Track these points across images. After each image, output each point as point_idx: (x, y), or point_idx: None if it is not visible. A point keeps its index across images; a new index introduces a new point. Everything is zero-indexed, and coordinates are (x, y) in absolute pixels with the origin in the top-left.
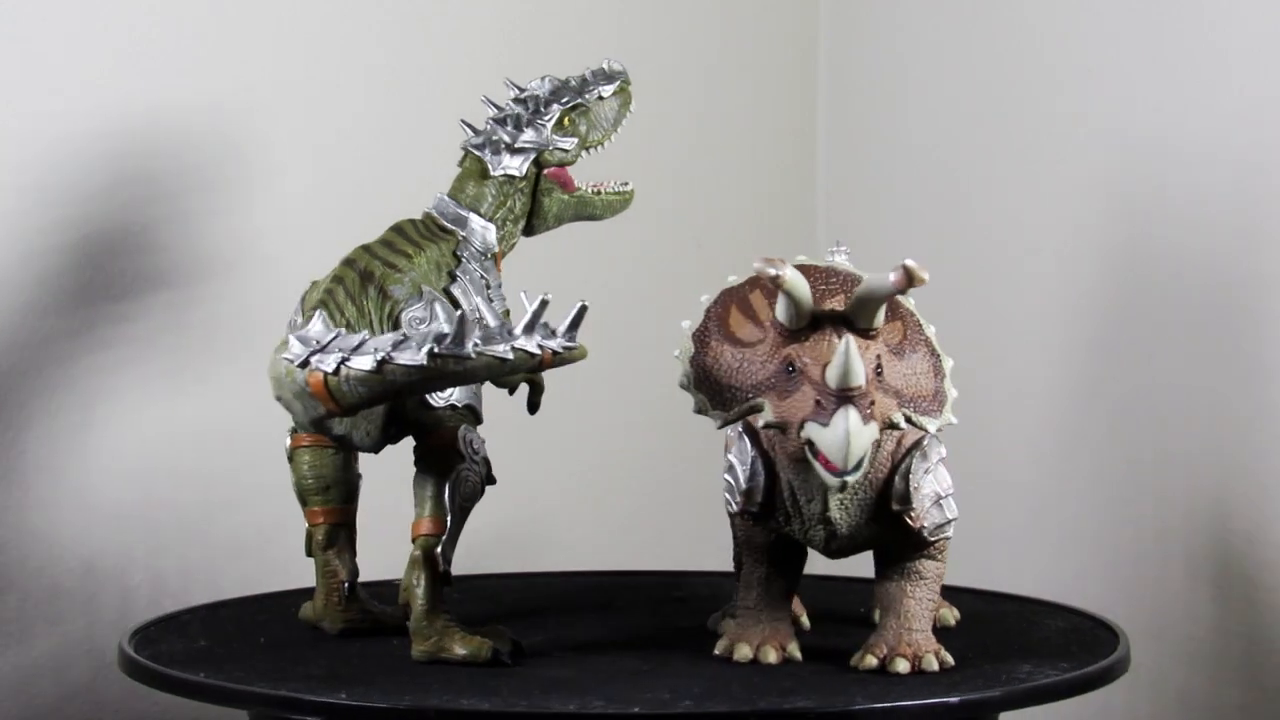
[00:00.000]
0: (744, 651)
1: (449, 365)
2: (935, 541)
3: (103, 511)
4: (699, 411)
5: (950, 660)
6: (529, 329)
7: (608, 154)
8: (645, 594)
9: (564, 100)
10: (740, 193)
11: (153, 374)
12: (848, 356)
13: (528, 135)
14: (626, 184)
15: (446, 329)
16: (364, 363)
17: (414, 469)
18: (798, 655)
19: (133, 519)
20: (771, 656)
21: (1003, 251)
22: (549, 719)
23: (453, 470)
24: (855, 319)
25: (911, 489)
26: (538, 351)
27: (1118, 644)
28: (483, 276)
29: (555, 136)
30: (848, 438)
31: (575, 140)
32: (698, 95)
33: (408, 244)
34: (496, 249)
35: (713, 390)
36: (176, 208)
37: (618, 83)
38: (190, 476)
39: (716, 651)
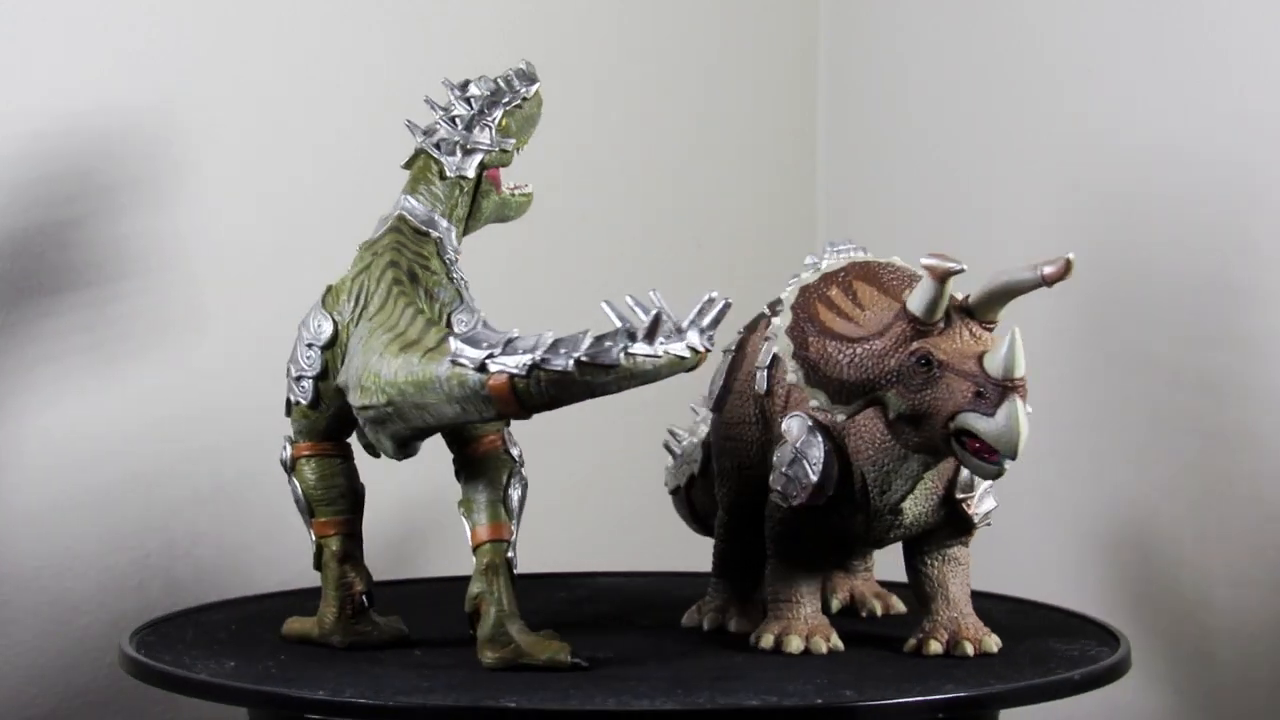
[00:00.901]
0: (796, 643)
1: (643, 364)
2: (976, 528)
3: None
4: (820, 408)
5: (999, 642)
6: (698, 326)
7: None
8: (646, 593)
9: (505, 101)
10: (740, 193)
11: (71, 369)
12: (1017, 348)
13: (480, 136)
14: (528, 185)
15: (636, 327)
16: (560, 363)
17: (461, 477)
18: (840, 646)
19: (133, 518)
20: (823, 647)
21: (1003, 251)
22: (563, 716)
23: (507, 473)
24: (979, 311)
25: (974, 479)
26: (704, 351)
27: (1118, 644)
28: (463, 279)
29: (499, 137)
30: (1018, 426)
31: (513, 141)
32: (698, 95)
33: (420, 245)
34: (459, 252)
35: (827, 386)
36: (96, 205)
37: (537, 85)
38: (169, 473)
39: (764, 645)
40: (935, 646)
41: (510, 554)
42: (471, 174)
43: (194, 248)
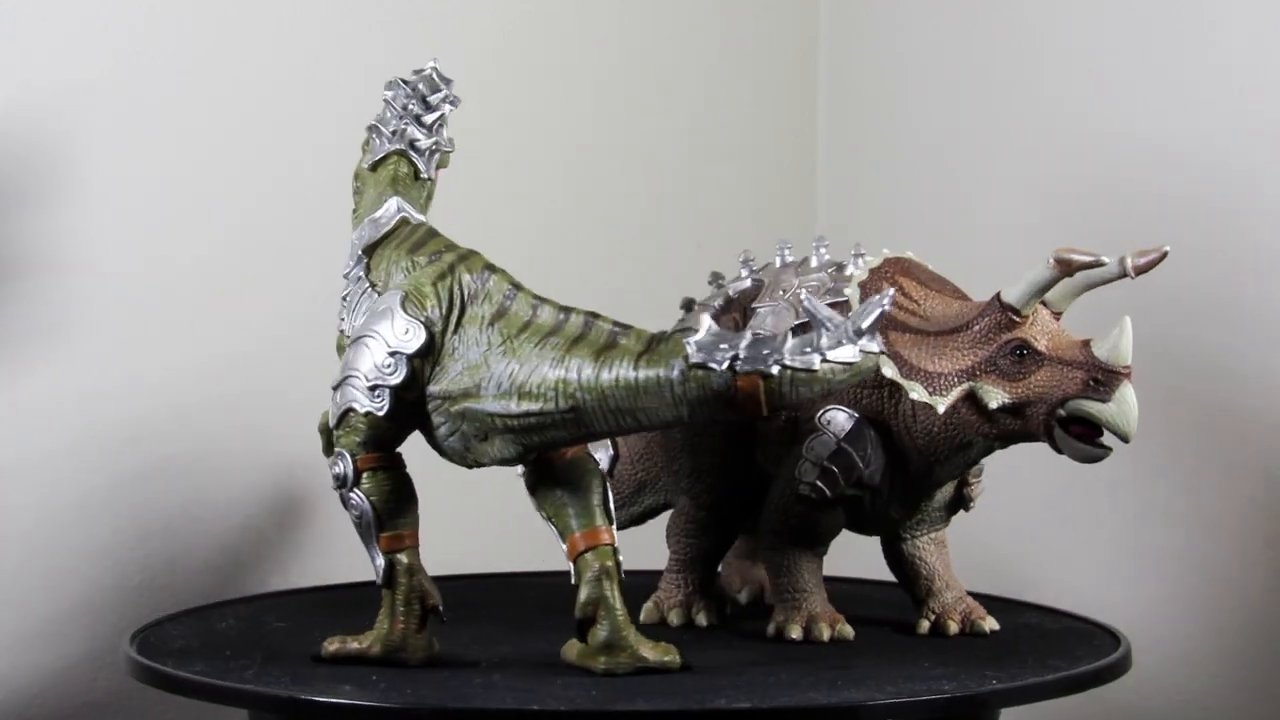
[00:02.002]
0: (826, 630)
1: (871, 362)
2: (968, 510)
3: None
4: (919, 399)
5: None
6: (871, 331)
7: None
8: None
9: (452, 100)
10: (740, 193)
11: (72, 367)
12: (1129, 336)
13: (442, 137)
14: None
15: (864, 323)
16: (811, 361)
17: (540, 487)
18: (849, 633)
19: (133, 518)
20: (849, 633)
21: (1003, 251)
22: (564, 717)
23: (595, 478)
24: (1054, 304)
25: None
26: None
27: (1118, 644)
28: None
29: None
30: (1133, 410)
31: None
32: (698, 95)
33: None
34: None
35: (922, 378)
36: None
37: (451, 85)
38: (191, 479)
39: (794, 635)
40: (954, 627)
41: (620, 557)
42: (434, 175)
43: (81, 248)
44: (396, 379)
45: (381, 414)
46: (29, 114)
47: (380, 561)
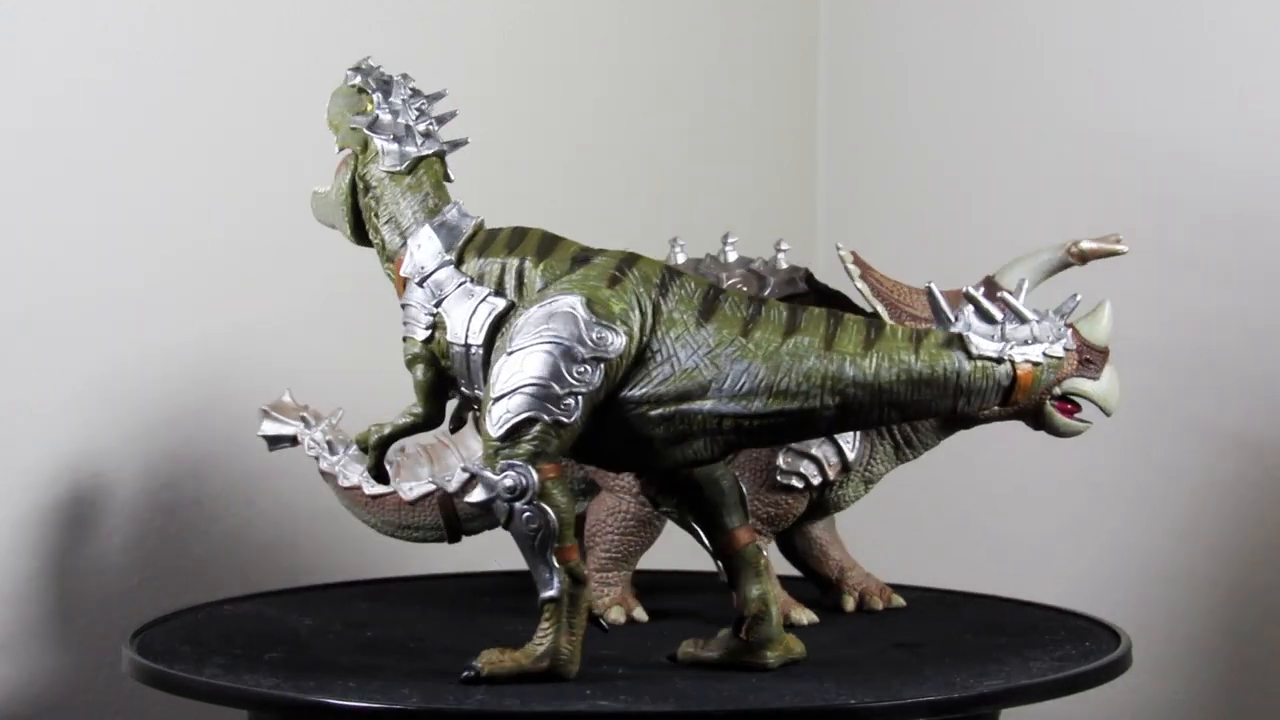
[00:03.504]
0: (807, 615)
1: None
2: None
3: None
4: None
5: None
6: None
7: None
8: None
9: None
10: (740, 193)
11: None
12: (1110, 319)
13: (443, 135)
14: None
15: (1059, 321)
16: (1058, 351)
17: (683, 487)
18: (814, 617)
19: (133, 518)
20: (815, 617)
21: (1002, 251)
22: (563, 717)
23: (732, 474)
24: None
25: None
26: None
27: (1118, 642)
28: None
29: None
30: (1117, 386)
31: None
32: (698, 95)
33: None
34: None
35: None
36: None
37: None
38: (191, 479)
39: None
40: (878, 602)
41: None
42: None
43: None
44: (591, 385)
45: (571, 421)
46: (29, 114)
47: (558, 574)
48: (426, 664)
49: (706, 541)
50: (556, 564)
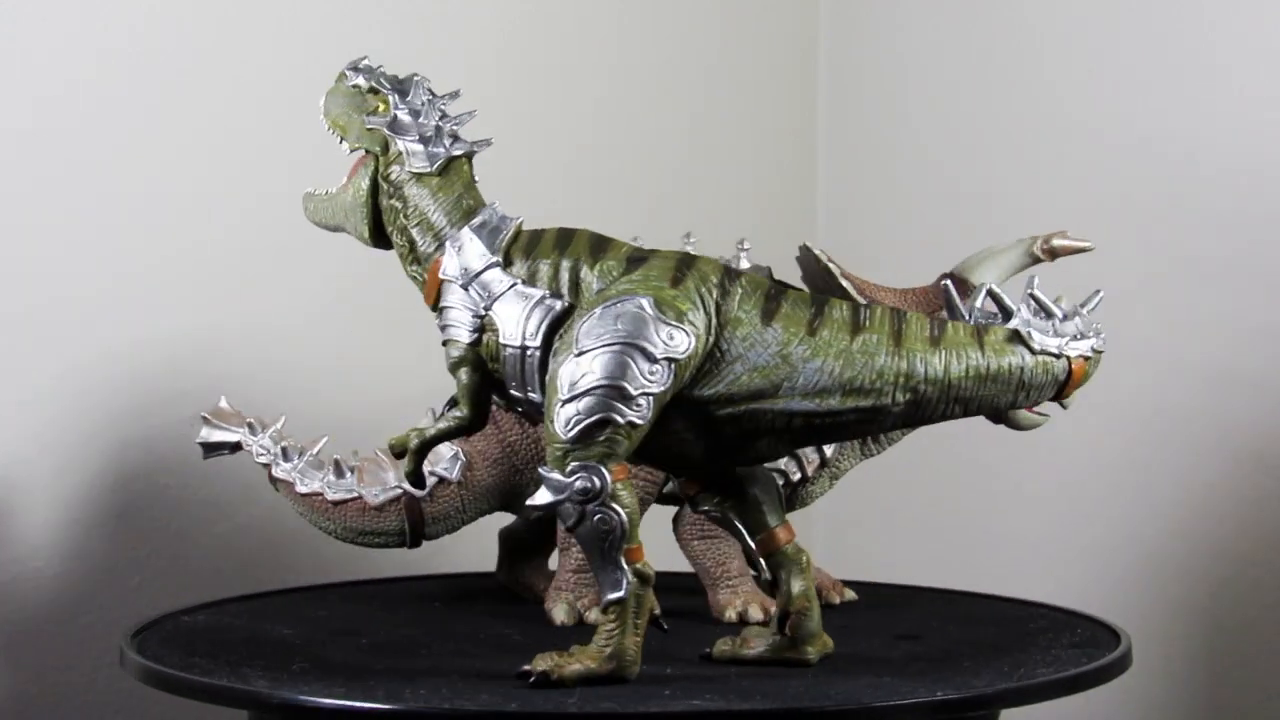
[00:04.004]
0: (759, 612)
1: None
2: None
3: None
4: None
5: None
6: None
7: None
8: None
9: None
10: (740, 192)
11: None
12: None
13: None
14: None
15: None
16: (1100, 345)
17: (727, 486)
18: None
19: (133, 518)
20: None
21: None
22: (563, 718)
23: (769, 473)
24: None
25: None
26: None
27: (1118, 641)
28: None
29: None
30: None
31: None
32: (698, 95)
33: None
34: None
35: None
36: None
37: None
38: (191, 480)
39: (757, 617)
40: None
41: None
42: None
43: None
44: (662, 385)
45: (644, 422)
46: (29, 114)
47: (627, 574)
48: (427, 664)
49: (749, 540)
50: (625, 565)
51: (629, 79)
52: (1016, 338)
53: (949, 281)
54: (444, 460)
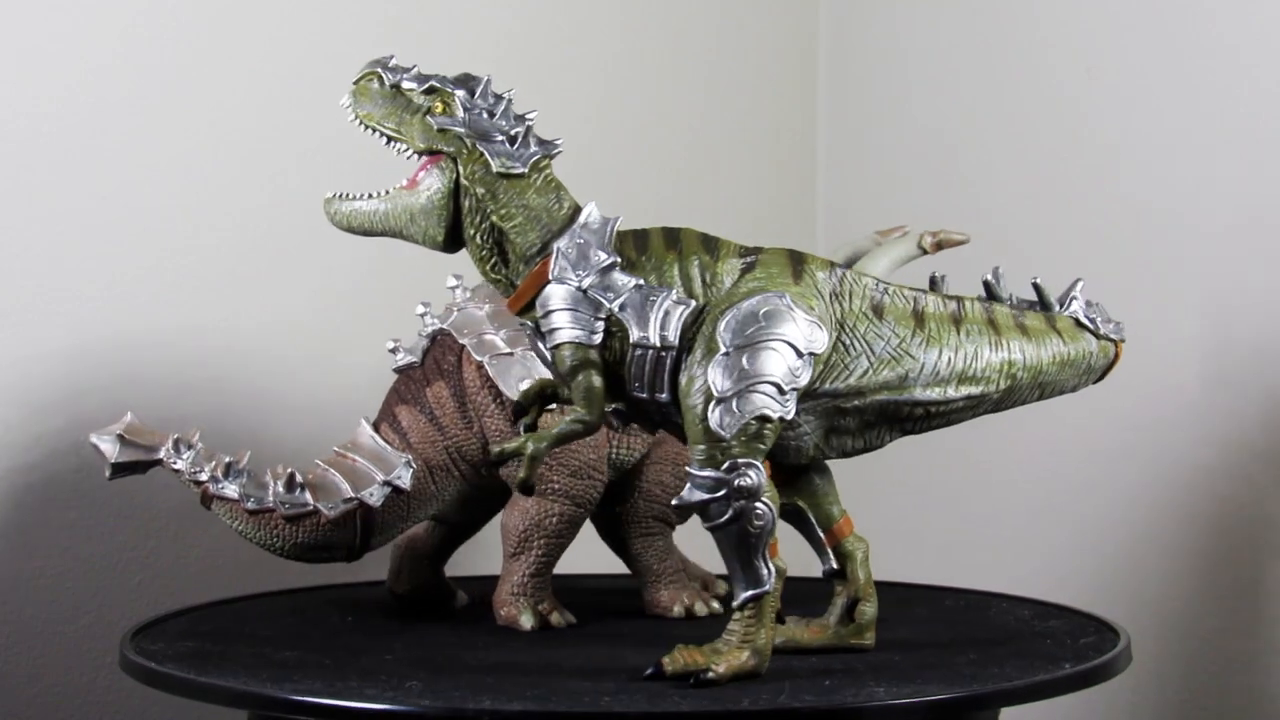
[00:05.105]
0: (704, 608)
1: None
2: None
3: None
4: None
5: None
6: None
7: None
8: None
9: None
10: (740, 193)
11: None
12: None
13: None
14: None
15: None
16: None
17: (798, 475)
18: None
19: (133, 518)
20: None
21: (1002, 251)
22: (561, 717)
23: (826, 470)
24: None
25: None
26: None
27: (1117, 639)
28: None
29: None
30: None
31: None
32: (698, 95)
33: None
34: None
35: None
36: None
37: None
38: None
39: (702, 612)
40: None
41: None
42: None
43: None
44: (805, 380)
45: (790, 417)
46: (29, 114)
47: (771, 569)
48: (427, 663)
49: (819, 531)
50: (769, 561)
51: (629, 79)
52: (1079, 324)
53: (1038, 278)
54: (396, 468)
